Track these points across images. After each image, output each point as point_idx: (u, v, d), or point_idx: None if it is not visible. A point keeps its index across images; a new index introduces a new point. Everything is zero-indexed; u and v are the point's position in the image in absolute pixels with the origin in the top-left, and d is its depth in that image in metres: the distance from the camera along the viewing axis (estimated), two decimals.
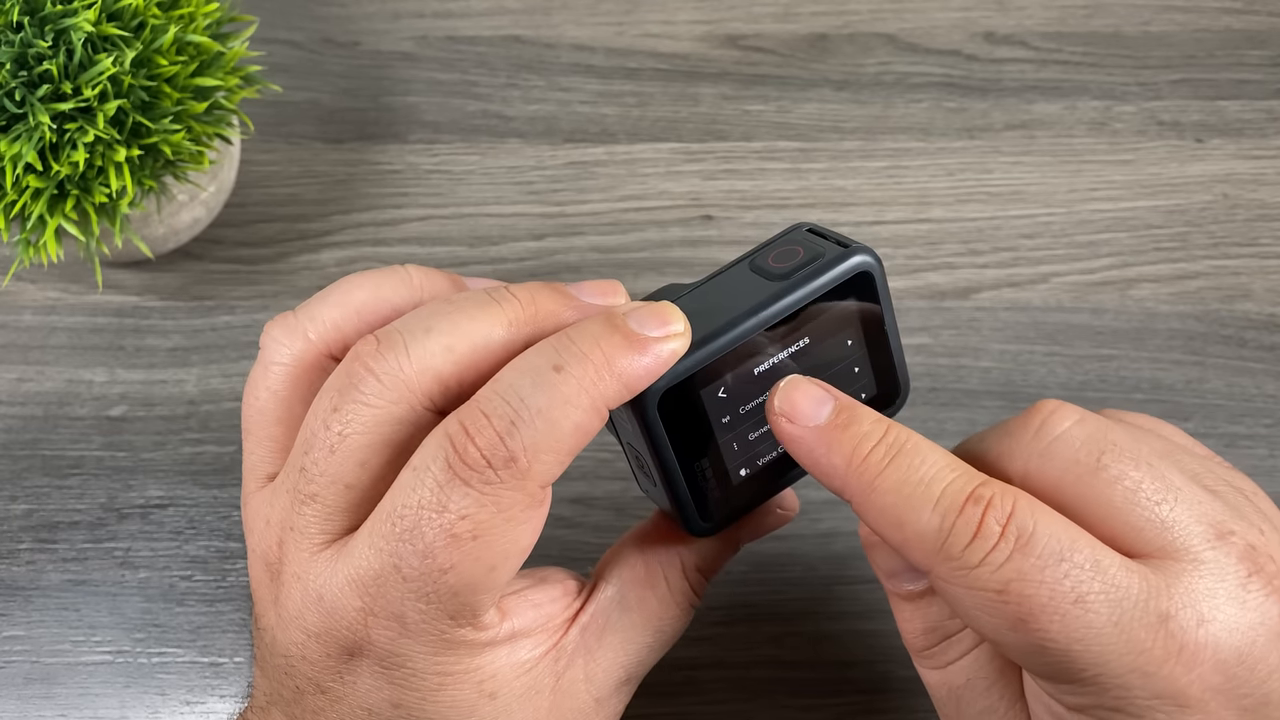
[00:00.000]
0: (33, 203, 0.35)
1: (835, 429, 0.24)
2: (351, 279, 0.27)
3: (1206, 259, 0.45)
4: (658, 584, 0.27)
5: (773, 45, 0.50)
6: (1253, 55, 0.50)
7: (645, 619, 0.27)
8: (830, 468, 0.24)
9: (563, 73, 0.49)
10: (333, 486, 0.24)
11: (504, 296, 0.25)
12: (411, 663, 0.24)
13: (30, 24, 0.34)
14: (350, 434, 0.24)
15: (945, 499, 0.22)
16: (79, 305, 0.43)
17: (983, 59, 0.50)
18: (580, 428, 0.23)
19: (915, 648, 0.27)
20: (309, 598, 0.24)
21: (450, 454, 0.22)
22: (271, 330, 0.27)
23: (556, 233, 0.45)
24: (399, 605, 0.23)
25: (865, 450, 0.23)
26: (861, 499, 0.23)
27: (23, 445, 0.41)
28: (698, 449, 0.26)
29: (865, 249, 0.26)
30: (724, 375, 0.25)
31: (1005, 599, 0.22)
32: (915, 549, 0.23)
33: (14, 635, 0.38)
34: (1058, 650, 0.22)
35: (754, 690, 0.37)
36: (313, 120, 0.48)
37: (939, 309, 0.44)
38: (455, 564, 0.22)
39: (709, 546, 0.28)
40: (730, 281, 0.27)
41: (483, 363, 0.24)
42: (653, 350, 0.24)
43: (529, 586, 0.27)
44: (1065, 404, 0.24)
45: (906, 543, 0.23)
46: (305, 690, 0.25)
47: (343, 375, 0.24)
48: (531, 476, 0.22)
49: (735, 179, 0.47)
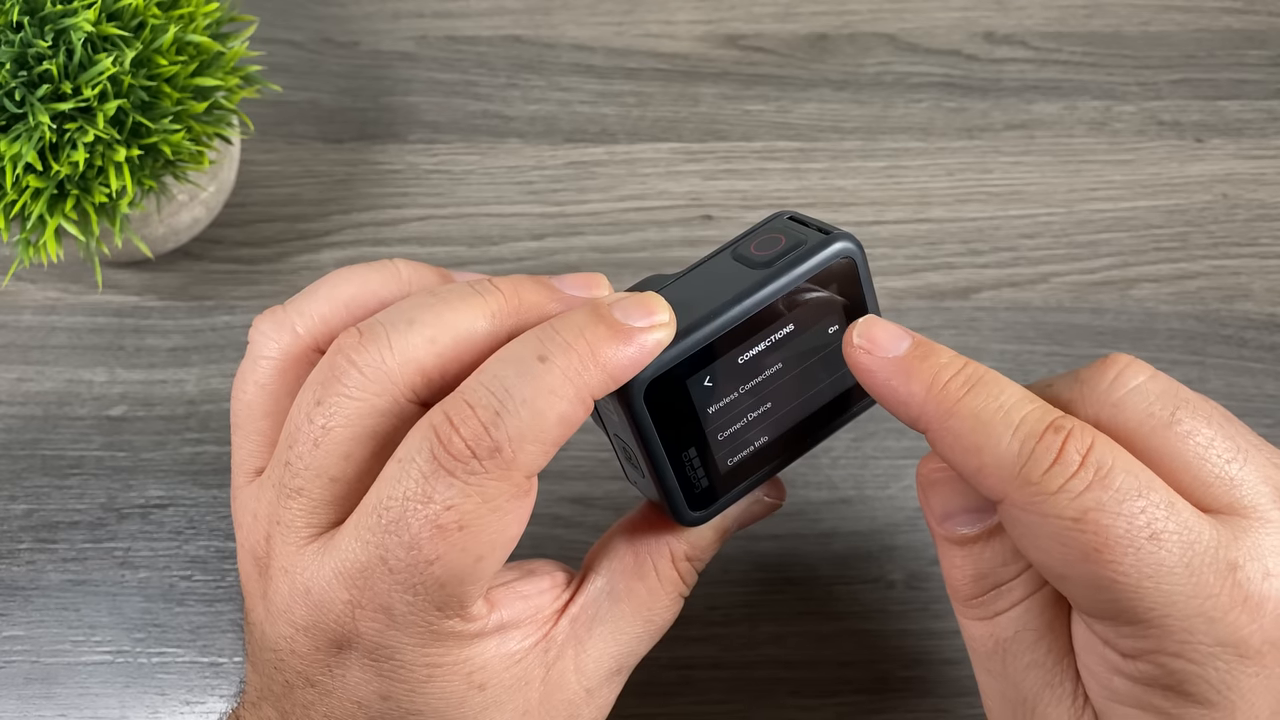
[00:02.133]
0: (33, 203, 0.35)
1: (914, 359, 0.24)
2: (340, 273, 0.27)
3: (1206, 259, 0.45)
4: (646, 574, 0.27)
5: (773, 45, 0.50)
6: (1253, 55, 0.50)
7: (634, 609, 0.27)
8: (909, 395, 0.24)
9: (563, 73, 0.49)
10: (317, 480, 0.24)
11: (487, 288, 0.25)
12: (399, 655, 0.24)
13: (30, 24, 0.34)
14: (334, 427, 0.24)
15: (1025, 425, 0.22)
16: (79, 305, 0.43)
17: (983, 59, 0.50)
18: (565, 418, 0.23)
19: (962, 595, 0.26)
20: (296, 591, 0.24)
21: (435, 445, 0.22)
22: (260, 324, 0.27)
23: (556, 233, 0.45)
24: (386, 597, 0.23)
25: (945, 378, 0.24)
26: (939, 424, 0.23)
27: (23, 445, 0.41)
28: (685, 439, 0.26)
29: (846, 235, 0.26)
30: (710, 364, 0.25)
31: (1081, 527, 0.22)
32: (991, 474, 0.23)
33: (14, 635, 0.38)
34: (1127, 586, 0.22)
35: (754, 690, 0.37)
36: (313, 120, 0.48)
37: (939, 309, 0.44)
38: (441, 555, 0.22)
39: (697, 536, 0.28)
40: (713, 271, 0.27)
41: (466, 354, 0.24)
42: (638, 340, 0.24)
43: (517, 579, 0.27)
44: (1137, 359, 0.24)
45: (983, 468, 0.23)
46: (294, 684, 0.25)
47: (326, 368, 0.24)
48: (517, 466, 0.23)
49: (735, 179, 0.47)
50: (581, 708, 0.27)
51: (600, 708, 0.28)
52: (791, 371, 0.27)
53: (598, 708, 0.27)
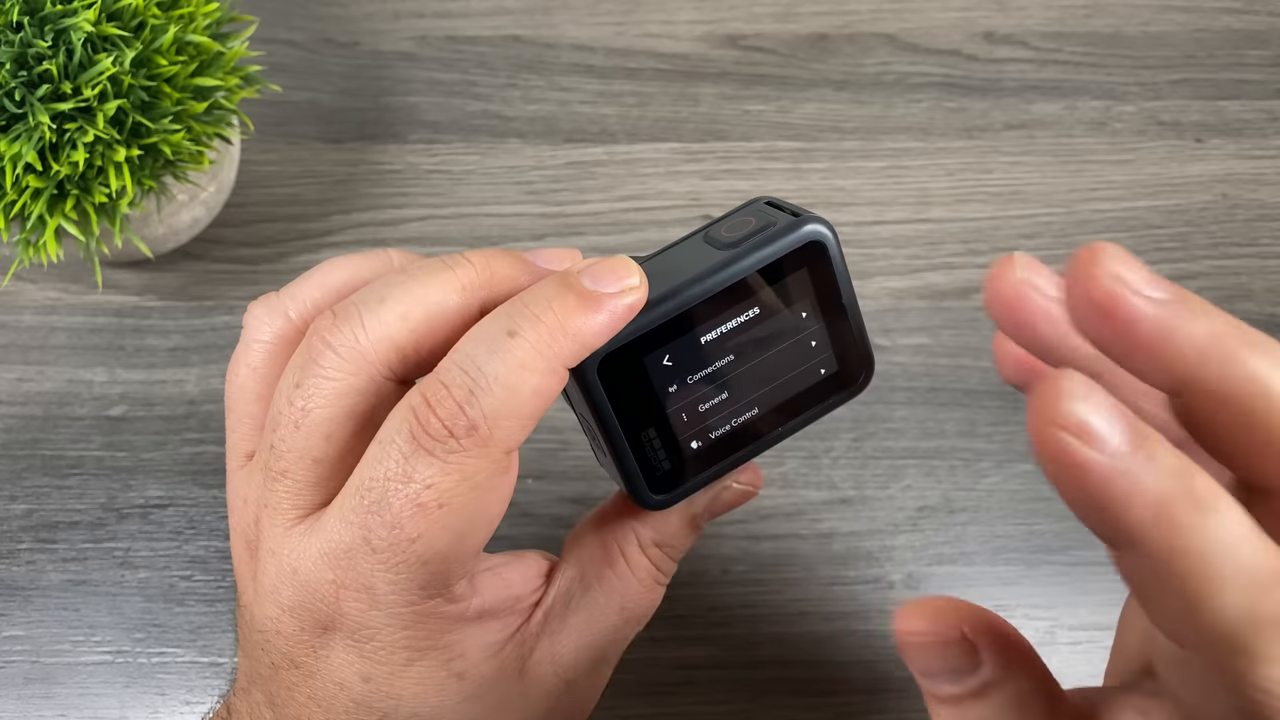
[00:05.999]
0: (33, 203, 0.35)
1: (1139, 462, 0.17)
2: (334, 261, 0.27)
3: (1206, 259, 0.45)
4: (615, 561, 0.27)
5: (773, 45, 0.50)
6: (1253, 55, 0.50)
7: (607, 597, 0.27)
8: (1128, 503, 0.17)
9: (563, 73, 0.49)
10: (301, 462, 0.24)
11: (459, 262, 0.25)
12: (381, 636, 0.24)
13: (30, 24, 0.34)
14: (313, 409, 0.24)
15: (1255, 571, 0.16)
16: (79, 305, 0.43)
17: (983, 59, 0.50)
18: (539, 391, 0.23)
19: None
20: (283, 572, 0.24)
21: (414, 425, 0.23)
22: (253, 309, 0.27)
23: (556, 233, 0.45)
24: (369, 577, 0.23)
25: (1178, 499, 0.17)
26: (1164, 547, 0.17)
27: (23, 445, 0.41)
28: (643, 418, 0.26)
29: (818, 218, 0.25)
30: (668, 342, 0.25)
31: None
32: (1200, 620, 0.17)
33: (14, 635, 0.38)
34: None
35: (754, 690, 0.37)
36: (313, 120, 0.48)
37: (939, 309, 0.44)
38: (423, 533, 0.23)
39: (664, 521, 0.28)
40: (682, 253, 0.26)
41: (440, 329, 0.24)
42: (608, 306, 0.23)
43: (503, 564, 0.27)
44: None
45: (1190, 610, 0.17)
46: (280, 665, 0.25)
47: (303, 351, 0.24)
48: (494, 443, 0.23)
49: (735, 179, 0.47)
50: (561, 699, 0.27)
51: (582, 699, 0.28)
52: (761, 355, 0.26)
53: (579, 699, 0.27)
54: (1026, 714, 0.21)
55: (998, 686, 0.21)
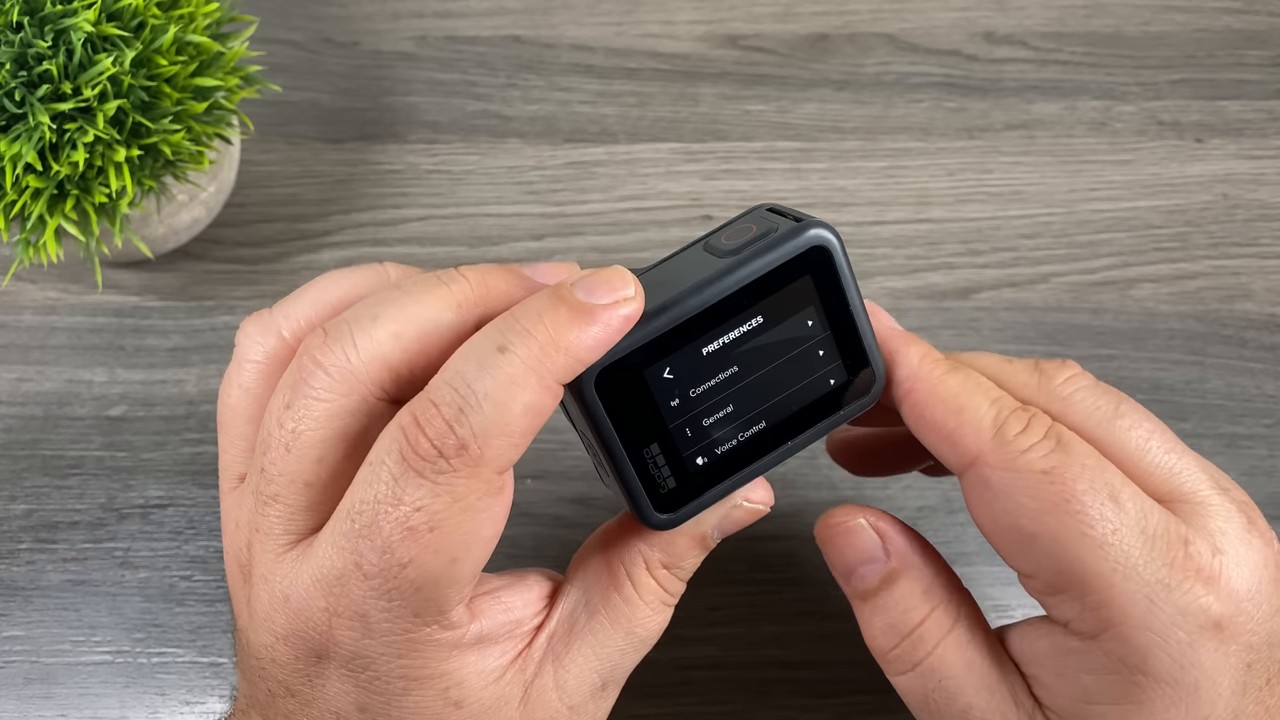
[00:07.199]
0: (33, 203, 0.35)
1: (911, 336, 0.27)
2: (328, 276, 0.27)
3: (1206, 259, 0.45)
4: (622, 584, 0.26)
5: (773, 45, 0.50)
6: (1253, 55, 0.50)
7: (613, 621, 0.26)
8: (906, 355, 0.27)
9: (563, 73, 0.49)
10: (292, 485, 0.24)
11: (453, 278, 0.24)
12: (376, 665, 0.23)
13: (30, 24, 0.34)
14: (304, 431, 0.23)
15: (1000, 400, 0.25)
16: (79, 305, 0.43)
17: (983, 59, 0.50)
18: (531, 408, 0.22)
19: (881, 651, 0.27)
20: (276, 599, 0.24)
21: (404, 446, 0.22)
22: (246, 328, 0.26)
23: (556, 233, 0.45)
24: (361, 604, 0.23)
25: (936, 356, 0.27)
26: (928, 387, 0.26)
27: (23, 445, 0.41)
28: (645, 434, 0.25)
29: (821, 224, 0.24)
30: (668, 355, 0.24)
31: (1050, 479, 0.24)
32: (969, 433, 0.25)
33: (14, 635, 0.38)
34: (1093, 540, 0.23)
35: (754, 690, 0.37)
36: (313, 120, 0.48)
37: (939, 309, 0.44)
38: (414, 558, 0.22)
39: (672, 542, 0.27)
40: (681, 263, 0.26)
41: (433, 347, 0.24)
42: (602, 318, 0.23)
43: (503, 587, 0.26)
44: (1087, 371, 0.27)
45: (961, 427, 0.25)
46: (276, 693, 0.25)
47: (294, 371, 0.24)
48: (485, 463, 0.22)
49: (735, 179, 0.47)
50: None
51: None
52: (766, 366, 0.25)
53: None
54: (932, 599, 0.27)
55: (905, 572, 0.27)
